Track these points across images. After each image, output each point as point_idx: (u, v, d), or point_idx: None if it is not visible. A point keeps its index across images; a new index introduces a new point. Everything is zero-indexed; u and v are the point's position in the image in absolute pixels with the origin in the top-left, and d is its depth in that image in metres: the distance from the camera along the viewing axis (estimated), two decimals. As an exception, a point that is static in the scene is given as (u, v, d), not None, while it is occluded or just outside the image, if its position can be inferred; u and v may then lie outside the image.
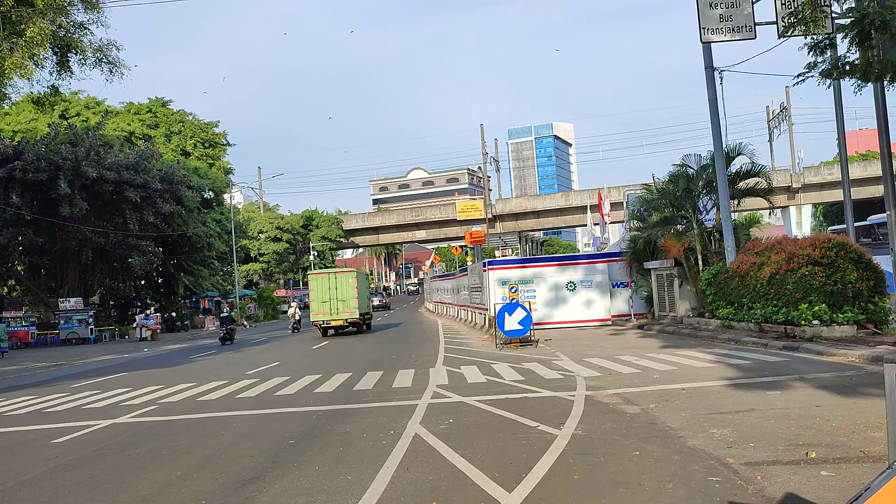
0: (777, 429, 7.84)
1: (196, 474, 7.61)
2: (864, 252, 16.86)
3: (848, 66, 11.32)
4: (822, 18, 13.27)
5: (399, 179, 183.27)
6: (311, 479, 7.05)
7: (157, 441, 9.75)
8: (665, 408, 9.52)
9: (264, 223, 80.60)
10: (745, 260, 18.64)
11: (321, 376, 15.84)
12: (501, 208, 74.03)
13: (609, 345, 19.13)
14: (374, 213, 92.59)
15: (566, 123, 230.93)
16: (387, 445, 8.29)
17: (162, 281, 54.85)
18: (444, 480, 6.66)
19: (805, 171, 67.75)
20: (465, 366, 16.00)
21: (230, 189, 62.17)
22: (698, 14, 17.64)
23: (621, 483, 6.20)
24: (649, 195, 25.87)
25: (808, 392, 10.02)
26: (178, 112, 62.03)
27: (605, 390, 11.34)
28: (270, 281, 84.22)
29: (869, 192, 59.66)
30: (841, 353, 13.45)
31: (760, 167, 22.78)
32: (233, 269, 60.62)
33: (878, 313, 16.01)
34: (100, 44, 27.26)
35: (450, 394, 12.00)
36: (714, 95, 20.56)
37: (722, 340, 17.77)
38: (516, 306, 19.87)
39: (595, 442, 7.83)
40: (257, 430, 10.03)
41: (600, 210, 40.90)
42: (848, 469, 6.17)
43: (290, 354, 23.60)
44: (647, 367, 13.87)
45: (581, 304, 27.55)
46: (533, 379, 13.17)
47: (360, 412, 10.87)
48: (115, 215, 43.57)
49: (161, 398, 14.24)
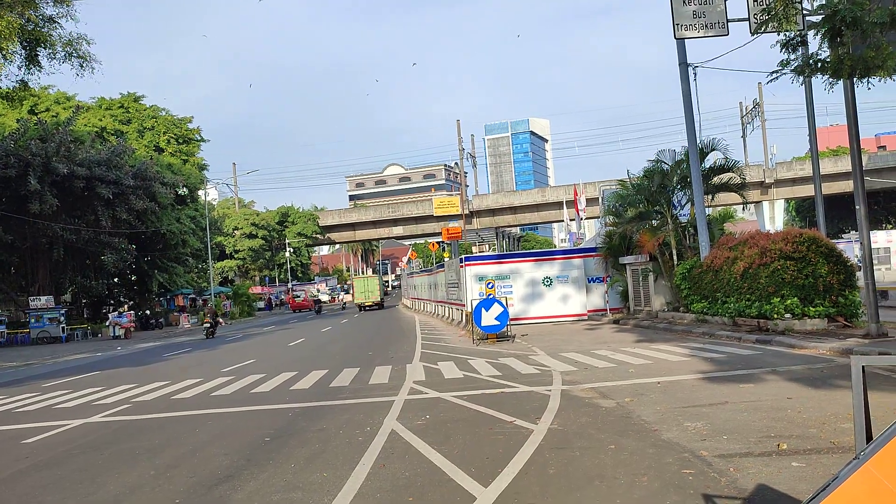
0: (750, 421, 7.94)
1: (169, 473, 7.53)
2: (834, 246, 17.11)
3: (820, 64, 11.45)
4: (794, 15, 13.41)
5: (375, 175, 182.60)
6: (287, 477, 7.01)
7: (129, 440, 9.63)
8: (640, 402, 9.59)
9: (239, 220, 79.93)
10: (718, 254, 18.83)
11: (297, 373, 15.76)
12: (478, 204, 74.10)
13: (585, 339, 19.24)
14: (351, 209, 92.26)
15: (542, 119, 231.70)
16: (363, 442, 8.27)
17: (135, 278, 54.18)
18: (421, 476, 6.65)
19: (778, 167, 68.59)
20: (442, 361, 16.00)
21: (205, 185, 61.45)
22: (672, 11, 17.77)
23: (596, 476, 6.24)
24: (624, 191, 26.04)
25: (781, 384, 10.15)
26: (152, 107, 61.26)
27: (580, 385, 11.40)
28: (246, 278, 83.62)
29: (840, 188, 60.57)
30: (812, 345, 13.64)
31: (734, 163, 23.02)
32: (208, 266, 60.08)
33: (849, 307, 16.27)
34: (70, 38, 26.88)
35: (427, 390, 11.99)
36: (688, 91, 20.73)
37: (696, 334, 17.94)
38: (493, 302, 19.91)
39: (571, 436, 7.86)
40: (232, 428, 9.95)
41: (576, 206, 41.11)
42: (818, 460, 6.26)
43: (266, 352, 23.46)
44: (622, 361, 13.96)
45: (557, 300, 27.67)
46: (509, 374, 13.20)
47: (336, 409, 10.83)
48: (87, 212, 42.92)
49: (134, 397, 14.07)
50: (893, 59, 10.50)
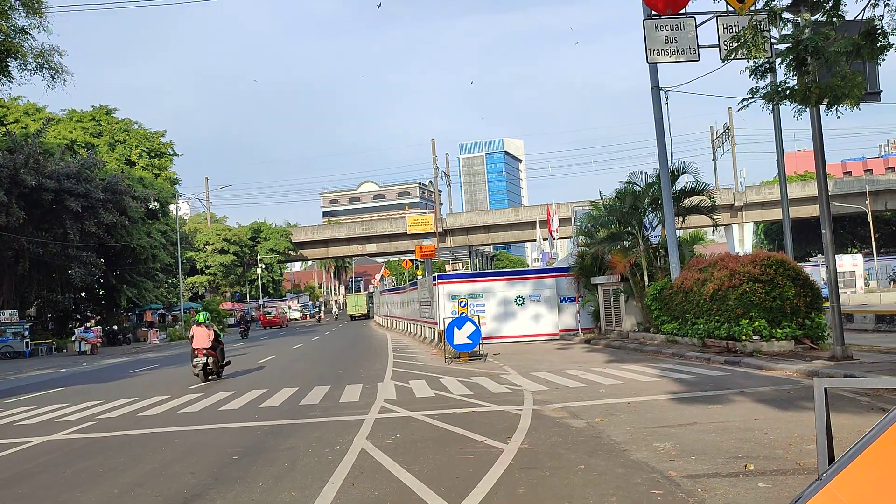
0: (718, 442, 8.01)
1: (134, 492, 7.39)
2: (801, 269, 17.42)
3: (788, 91, 11.70)
4: (763, 43, 13.70)
5: (350, 192, 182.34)
6: (255, 496, 6.92)
7: (93, 458, 9.45)
8: (610, 422, 9.63)
9: (211, 235, 79.20)
10: (689, 276, 19.05)
11: (267, 391, 15.59)
12: (452, 223, 74.27)
13: (556, 359, 19.29)
14: (324, 225, 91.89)
15: (517, 140, 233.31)
16: (332, 461, 8.19)
17: (103, 293, 53.38)
18: (390, 496, 6.61)
19: (747, 190, 69.73)
20: (413, 380, 15.94)
21: (176, 200, 60.90)
22: (645, 36, 18.06)
23: (566, 497, 6.25)
24: (597, 212, 26.29)
25: (748, 406, 10.27)
26: (124, 121, 60.66)
27: (551, 404, 11.42)
28: (217, 293, 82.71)
29: (807, 212, 61.74)
30: (779, 367, 13.82)
31: (704, 185, 23.37)
32: (178, 282, 59.38)
33: (815, 329, 16.54)
34: (42, 49, 26.59)
35: (398, 408, 11.93)
36: (660, 115, 21.03)
37: (666, 355, 18.09)
38: (465, 320, 19.90)
39: (541, 456, 7.87)
40: (200, 447, 9.81)
41: (549, 226, 41.38)
42: (784, 481, 6.33)
43: (235, 369, 23.18)
44: (593, 381, 14.02)
45: (529, 319, 27.75)
46: (481, 393, 13.19)
47: (306, 427, 10.73)
48: (55, 225, 42.29)
49: (99, 414, 13.81)
50: (860, 88, 10.78)
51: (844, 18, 11.10)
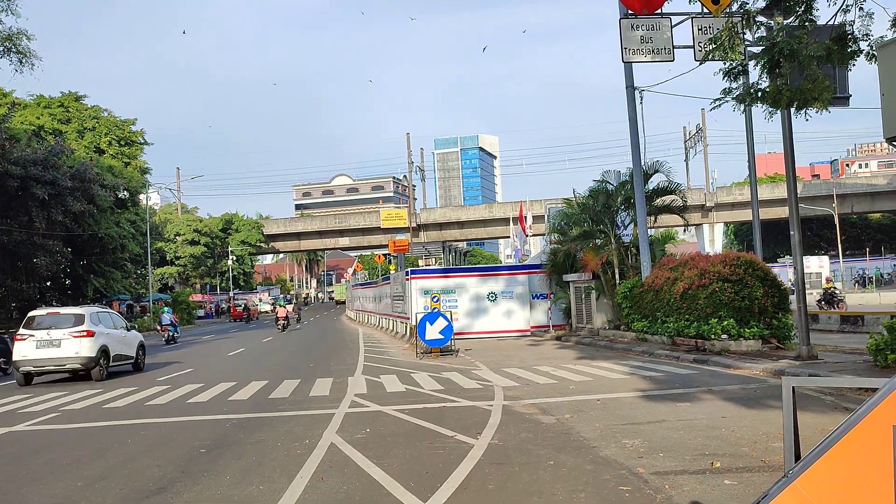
0: (685, 439, 8.09)
1: (98, 485, 7.28)
2: (769, 270, 17.69)
3: (760, 93, 11.83)
4: (738, 45, 13.84)
5: (323, 185, 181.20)
6: (222, 490, 6.85)
7: (57, 450, 9.28)
8: (580, 418, 9.69)
9: (182, 226, 78.22)
10: (659, 275, 19.23)
11: (236, 384, 15.45)
12: (426, 218, 74.21)
13: (527, 355, 19.37)
14: (297, 218, 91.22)
15: (491, 136, 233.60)
16: (302, 455, 8.14)
17: (70, 283, 52.45)
18: (359, 490, 6.58)
19: (718, 191, 70.59)
20: (384, 375, 15.91)
21: (147, 189, 60.00)
22: (621, 35, 18.15)
23: (535, 492, 6.27)
24: (570, 209, 26.44)
25: (716, 404, 10.39)
26: (93, 108, 59.59)
27: (522, 400, 11.47)
28: (186, 285, 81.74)
29: (776, 213, 62.62)
30: (747, 366, 14.02)
31: (676, 185, 23.62)
32: (147, 272, 58.59)
33: (782, 329, 16.81)
34: (9, 33, 26.02)
35: (368, 403, 11.90)
36: (634, 114, 21.18)
37: (636, 353, 18.25)
38: (437, 316, 19.91)
39: (511, 451, 7.89)
40: (166, 439, 9.68)
41: (521, 223, 41.49)
42: (750, 478, 6.42)
43: (204, 361, 22.95)
44: (563, 377, 14.10)
45: (501, 315, 27.84)
46: (452, 388, 13.20)
47: (275, 421, 10.65)
48: (21, 213, 41.39)
49: (64, 405, 13.58)
50: (829, 91, 10.93)
51: (816, 23, 11.25)
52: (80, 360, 17.40)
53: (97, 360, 17.63)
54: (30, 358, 17.23)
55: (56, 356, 17.28)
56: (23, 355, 17.24)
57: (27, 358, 17.22)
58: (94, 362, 17.57)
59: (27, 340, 17.34)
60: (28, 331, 17.54)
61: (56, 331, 17.46)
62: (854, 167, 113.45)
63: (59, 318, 18.06)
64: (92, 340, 17.54)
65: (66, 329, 17.47)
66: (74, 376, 18.27)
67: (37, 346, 17.28)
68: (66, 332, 17.43)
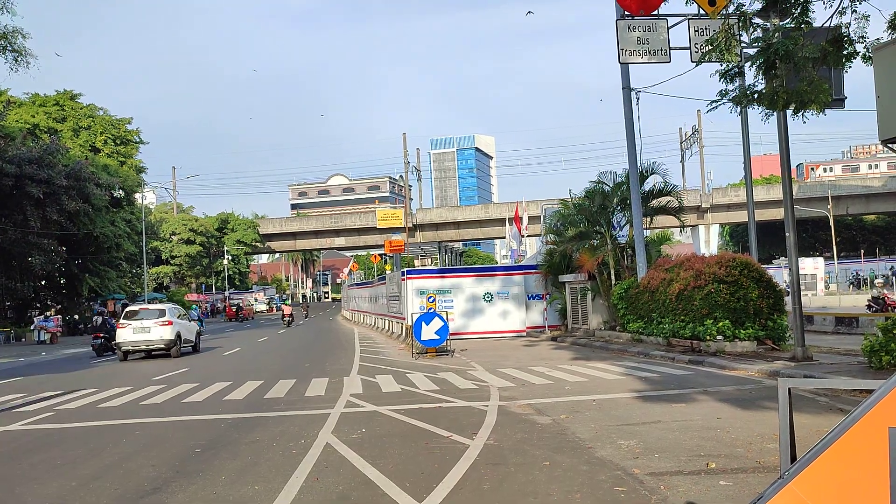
0: (681, 440, 8.10)
1: (92, 485, 7.26)
2: (764, 271, 17.73)
3: (756, 95, 11.85)
4: (734, 47, 13.88)
5: (319, 185, 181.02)
6: (217, 489, 6.84)
7: (51, 450, 9.26)
8: (575, 419, 9.70)
9: (177, 225, 78.10)
10: (655, 276, 19.26)
11: (231, 383, 15.42)
12: (422, 218, 74.23)
13: (523, 356, 19.38)
14: (293, 218, 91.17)
15: (488, 136, 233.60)
16: (297, 455, 8.13)
17: (64, 282, 52.30)
18: (355, 490, 6.58)
19: (714, 192, 70.75)
20: (380, 375, 15.90)
21: (142, 188, 59.92)
22: (617, 36, 18.18)
23: (530, 493, 6.27)
24: (566, 210, 26.46)
25: (711, 405, 10.41)
26: (89, 106, 59.50)
27: (517, 401, 11.47)
28: (182, 284, 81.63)
29: (771, 215, 62.84)
30: (742, 367, 14.05)
31: (672, 187, 23.66)
32: (142, 272, 58.49)
33: (777, 330, 16.84)
34: (4, 31, 25.95)
35: (364, 403, 11.89)
36: (630, 115, 21.20)
37: (632, 353, 18.27)
38: (433, 316, 19.91)
39: (506, 452, 7.89)
40: (161, 439, 9.66)
41: (517, 223, 41.50)
42: (745, 479, 6.43)
43: (199, 361, 22.89)
44: (559, 378, 14.11)
45: (497, 315, 27.85)
46: (448, 389, 13.20)
47: (270, 420, 10.63)
48: (15, 211, 41.29)
49: (58, 405, 13.53)
50: (826, 94, 10.96)
51: (812, 25, 11.27)
52: (164, 342, 23.65)
53: (175, 342, 23.93)
54: (128, 340, 23.47)
55: (147, 339, 23.55)
56: (123, 338, 23.49)
57: (127, 340, 23.45)
58: (173, 344, 23.86)
59: (126, 328, 23.56)
60: (127, 321, 23.70)
61: (146, 321, 23.64)
62: (819, 171, 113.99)
63: (149, 312, 24.40)
64: (171, 328, 23.75)
65: (154, 320, 23.76)
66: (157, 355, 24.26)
67: (133, 332, 23.50)
68: (153, 322, 23.68)
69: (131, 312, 24.24)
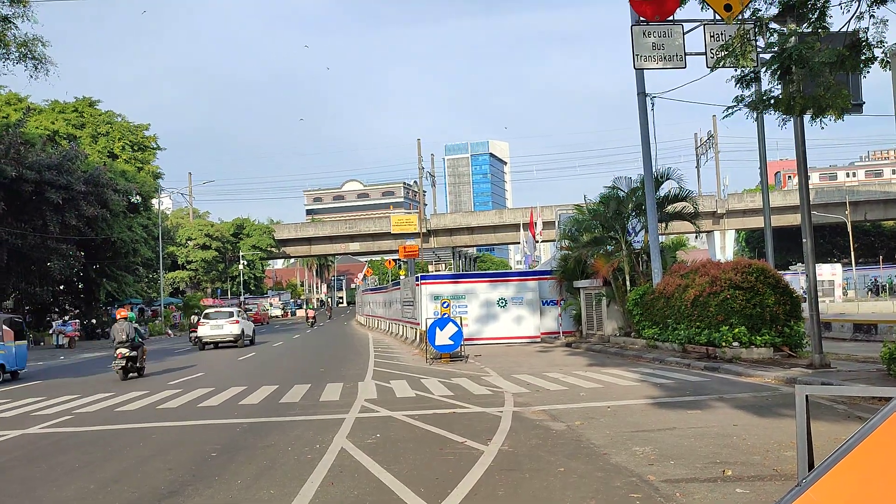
0: (696, 447, 8.06)
1: (111, 488, 7.32)
2: (781, 277, 17.60)
3: (772, 101, 11.80)
4: (750, 52, 13.83)
5: (334, 191, 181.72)
6: (233, 493, 6.88)
7: (69, 453, 9.34)
8: (590, 425, 9.66)
9: (193, 230, 78.63)
10: (670, 282, 19.16)
11: (246, 388, 15.50)
12: (436, 223, 74.24)
13: (537, 362, 19.34)
14: (307, 223, 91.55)
15: (502, 142, 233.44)
16: (312, 459, 8.16)
17: (82, 286, 52.79)
18: (370, 495, 6.59)
19: (729, 198, 70.26)
20: (394, 380, 15.92)
21: (159, 194, 60.40)
22: (632, 42, 18.13)
23: (545, 499, 6.26)
24: (580, 216, 26.39)
25: (727, 412, 10.34)
26: (107, 113, 60.04)
27: (532, 407, 11.45)
28: (198, 289, 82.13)
29: (788, 220, 62.28)
30: (758, 374, 13.94)
31: (688, 192, 23.53)
32: (159, 277, 58.89)
33: (793, 336, 16.70)
34: (25, 38, 26.22)
35: (378, 408, 11.91)
36: (645, 121, 21.14)
37: (647, 360, 18.18)
38: (447, 321, 19.91)
39: (521, 458, 7.88)
40: (178, 443, 9.73)
41: (532, 229, 41.44)
42: (761, 486, 6.38)
43: (214, 366, 23.03)
44: (573, 384, 14.07)
45: (511, 321, 27.80)
46: (462, 394, 13.19)
47: (285, 425, 10.68)
48: (35, 217, 41.74)
49: (76, 408, 13.67)
50: (844, 99, 10.89)
51: (829, 30, 11.22)
52: (232, 336, 31.09)
53: (240, 337, 31.27)
54: (207, 334, 31.12)
55: (220, 334, 31.16)
56: (203, 333, 31.19)
57: (206, 334, 31.11)
58: (239, 338, 31.16)
59: (205, 325, 31.21)
60: (205, 320, 31.57)
61: (220, 320, 31.35)
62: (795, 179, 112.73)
63: (221, 314, 32.32)
64: (238, 325, 31.28)
65: (225, 319, 31.42)
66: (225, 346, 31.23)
67: (210, 329, 31.12)
68: (225, 321, 31.28)
69: (208, 314, 32.13)
